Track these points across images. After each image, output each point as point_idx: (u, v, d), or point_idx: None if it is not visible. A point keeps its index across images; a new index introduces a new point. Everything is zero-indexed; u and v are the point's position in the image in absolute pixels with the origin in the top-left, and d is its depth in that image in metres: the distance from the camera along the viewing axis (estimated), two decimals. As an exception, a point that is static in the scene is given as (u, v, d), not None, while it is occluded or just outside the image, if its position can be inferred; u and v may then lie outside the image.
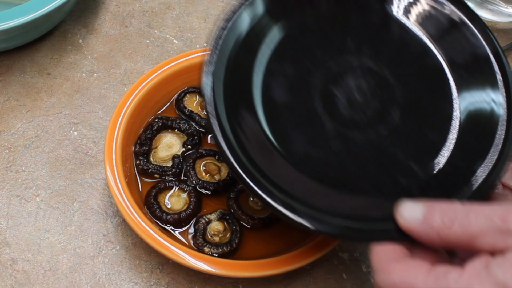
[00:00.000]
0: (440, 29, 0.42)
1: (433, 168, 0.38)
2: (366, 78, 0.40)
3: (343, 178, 0.38)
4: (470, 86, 0.40)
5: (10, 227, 0.46)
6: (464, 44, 0.41)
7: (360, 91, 0.40)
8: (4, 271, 0.44)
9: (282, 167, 0.37)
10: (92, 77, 0.54)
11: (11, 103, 0.52)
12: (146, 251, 0.46)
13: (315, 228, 0.34)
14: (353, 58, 0.41)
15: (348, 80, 0.40)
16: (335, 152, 0.38)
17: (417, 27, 0.42)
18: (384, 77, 0.40)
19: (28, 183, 0.48)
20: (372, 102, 0.40)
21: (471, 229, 0.30)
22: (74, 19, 0.58)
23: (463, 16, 0.42)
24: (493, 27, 0.63)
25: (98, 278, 0.44)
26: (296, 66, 0.40)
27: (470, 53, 0.41)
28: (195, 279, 0.45)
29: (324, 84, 0.40)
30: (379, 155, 0.38)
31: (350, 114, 0.39)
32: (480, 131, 0.39)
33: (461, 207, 0.31)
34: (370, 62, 0.41)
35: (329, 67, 0.40)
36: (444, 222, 0.30)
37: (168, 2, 0.61)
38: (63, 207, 0.47)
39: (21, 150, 0.50)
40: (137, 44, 0.57)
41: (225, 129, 0.37)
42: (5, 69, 0.54)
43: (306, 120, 0.39)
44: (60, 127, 0.51)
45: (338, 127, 0.39)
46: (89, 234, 0.46)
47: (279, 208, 0.35)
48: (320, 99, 0.39)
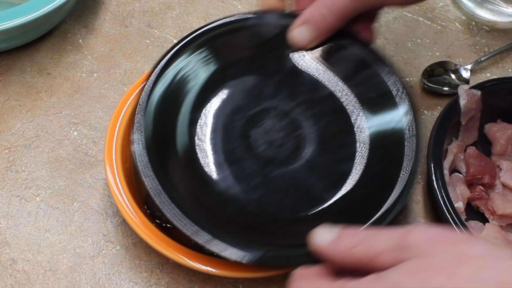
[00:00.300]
0: (349, 70, 0.46)
1: (344, 196, 0.42)
2: (281, 120, 0.44)
3: (263, 210, 0.41)
4: (376, 120, 0.44)
5: (10, 227, 0.46)
6: (370, 82, 0.45)
7: (276, 131, 0.44)
8: (4, 271, 0.44)
9: (206, 203, 0.41)
10: (92, 77, 0.54)
11: (11, 103, 0.52)
12: (146, 251, 0.46)
13: (240, 257, 0.37)
14: (269, 102, 0.45)
15: (265, 123, 0.44)
16: (254, 187, 0.42)
17: (326, 71, 0.46)
18: (297, 118, 0.45)
19: (28, 183, 0.48)
20: (287, 140, 0.44)
21: (372, 250, 0.32)
22: (74, 19, 0.58)
23: (371, 58, 0.46)
24: (493, 27, 0.63)
25: (98, 278, 0.44)
26: (218, 113, 0.44)
27: (375, 90, 0.45)
28: (195, 279, 0.45)
29: (244, 127, 0.44)
30: (295, 188, 0.42)
31: (268, 152, 0.43)
32: (387, 160, 0.43)
33: (365, 232, 0.34)
34: (285, 105, 0.45)
35: (248, 112, 0.45)
36: (347, 245, 0.33)
37: (168, 2, 0.61)
38: (63, 207, 0.47)
39: (21, 150, 0.50)
40: (137, 44, 0.57)
41: (158, 177, 0.40)
42: (5, 69, 0.54)
43: (228, 160, 0.43)
44: (60, 127, 0.51)
45: (257, 165, 0.43)
46: (89, 234, 0.46)
47: (202, 243, 0.37)
48: (240, 140, 0.44)
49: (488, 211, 0.48)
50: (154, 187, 0.39)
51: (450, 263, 0.29)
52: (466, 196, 0.49)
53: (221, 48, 0.46)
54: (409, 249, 0.31)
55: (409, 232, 0.31)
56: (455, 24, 0.63)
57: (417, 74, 0.58)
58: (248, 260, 0.37)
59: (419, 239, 0.31)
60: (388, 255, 0.31)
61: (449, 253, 0.30)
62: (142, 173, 0.40)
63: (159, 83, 0.43)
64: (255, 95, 0.45)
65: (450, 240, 0.30)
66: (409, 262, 0.30)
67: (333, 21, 0.44)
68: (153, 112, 0.42)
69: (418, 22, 0.62)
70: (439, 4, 0.64)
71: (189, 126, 0.43)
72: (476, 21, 0.63)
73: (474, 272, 0.28)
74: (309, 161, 0.43)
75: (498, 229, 0.47)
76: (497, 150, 0.52)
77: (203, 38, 0.46)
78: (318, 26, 0.44)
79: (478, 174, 0.49)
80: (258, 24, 0.46)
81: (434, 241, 0.30)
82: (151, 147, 0.41)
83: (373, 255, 0.32)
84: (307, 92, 0.46)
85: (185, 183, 0.41)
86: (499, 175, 0.50)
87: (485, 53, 0.60)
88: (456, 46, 0.61)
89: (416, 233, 0.31)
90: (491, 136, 0.53)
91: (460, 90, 0.50)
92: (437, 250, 0.30)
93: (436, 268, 0.29)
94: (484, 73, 0.59)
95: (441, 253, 0.30)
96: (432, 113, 0.56)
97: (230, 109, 0.45)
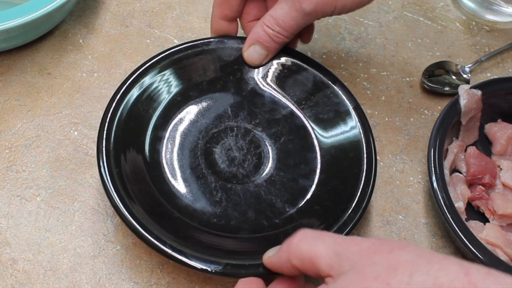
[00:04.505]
0: (306, 92, 0.49)
1: (305, 208, 0.44)
2: (243, 138, 0.47)
3: (226, 223, 0.43)
4: (334, 137, 0.47)
5: (11, 227, 0.46)
6: (328, 103, 0.48)
7: (238, 149, 0.47)
8: (5, 271, 0.44)
9: (170, 216, 0.42)
10: (92, 77, 0.54)
11: (11, 103, 0.52)
12: (146, 251, 0.46)
13: (202, 267, 0.39)
14: (231, 122, 0.48)
15: (227, 141, 0.47)
16: (218, 201, 0.44)
17: (286, 92, 0.49)
18: (259, 136, 0.48)
19: (29, 182, 0.48)
20: (249, 157, 0.47)
21: (316, 250, 0.34)
22: (74, 19, 0.58)
23: (326, 80, 0.49)
24: (494, 27, 0.63)
25: (98, 278, 0.44)
26: (183, 131, 0.47)
27: (333, 110, 0.48)
28: (195, 279, 0.45)
29: (207, 145, 0.47)
30: (258, 202, 0.45)
31: (230, 169, 0.46)
32: (345, 174, 0.45)
33: (314, 232, 0.35)
34: (246, 124, 0.48)
35: (211, 131, 0.47)
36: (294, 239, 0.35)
37: (168, 2, 0.61)
38: (63, 207, 0.47)
39: (22, 150, 0.50)
40: (138, 44, 0.57)
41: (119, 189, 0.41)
42: (6, 69, 0.54)
43: (192, 176, 0.45)
44: (60, 127, 0.51)
45: (220, 180, 0.45)
46: (89, 234, 0.46)
47: (168, 251, 0.39)
48: (203, 157, 0.46)
49: (488, 211, 0.48)
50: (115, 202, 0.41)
51: (384, 271, 0.30)
52: (466, 196, 0.49)
53: (185, 70, 0.49)
54: (345, 260, 0.32)
55: (348, 243, 0.33)
56: (455, 24, 0.63)
57: (417, 74, 0.58)
58: (211, 271, 0.39)
59: (355, 250, 0.32)
60: (327, 259, 0.33)
61: (384, 261, 0.31)
62: (104, 187, 0.41)
63: (124, 101, 0.45)
64: (218, 115, 0.48)
65: (384, 249, 0.32)
66: (344, 276, 0.32)
67: (284, 37, 0.47)
68: (121, 126, 0.44)
69: (419, 22, 0.62)
70: (440, 4, 0.64)
71: (155, 143, 0.46)
72: (476, 21, 0.63)
73: (408, 278, 0.29)
74: (271, 176, 0.46)
75: (499, 229, 0.47)
76: (498, 150, 0.52)
77: (168, 60, 0.48)
78: (270, 45, 0.48)
79: (479, 174, 0.49)
80: (220, 48, 0.50)
81: (369, 252, 0.32)
82: (118, 160, 0.43)
83: (315, 254, 0.33)
84: (267, 112, 0.49)
85: (149, 196, 0.43)
86: (500, 175, 0.50)
87: (486, 53, 0.60)
88: (456, 46, 0.61)
89: (353, 246, 0.33)
90: (492, 136, 0.53)
91: (461, 90, 0.50)
92: (372, 260, 0.31)
93: (371, 278, 0.30)
94: (485, 73, 0.59)
95: (376, 263, 0.31)
96: (432, 113, 0.56)
97: (194, 127, 0.47)
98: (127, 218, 0.40)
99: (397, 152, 0.53)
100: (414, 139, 0.54)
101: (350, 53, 0.59)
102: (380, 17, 0.62)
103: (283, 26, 0.46)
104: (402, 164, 0.52)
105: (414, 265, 0.30)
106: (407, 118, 0.55)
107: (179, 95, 0.48)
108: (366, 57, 0.59)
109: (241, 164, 0.46)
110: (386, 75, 0.58)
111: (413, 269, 0.30)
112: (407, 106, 0.56)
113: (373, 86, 0.57)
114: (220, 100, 0.49)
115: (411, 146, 0.53)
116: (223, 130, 0.48)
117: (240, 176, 0.46)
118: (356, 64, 0.58)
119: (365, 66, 0.58)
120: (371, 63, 0.58)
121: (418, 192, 0.51)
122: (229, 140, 0.47)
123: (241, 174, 0.46)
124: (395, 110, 0.55)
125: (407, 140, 0.54)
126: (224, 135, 0.47)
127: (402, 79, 0.58)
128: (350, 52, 0.59)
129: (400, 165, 0.52)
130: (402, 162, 0.52)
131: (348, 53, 0.59)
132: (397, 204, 0.50)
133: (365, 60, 0.59)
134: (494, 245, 0.46)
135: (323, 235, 0.34)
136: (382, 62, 0.59)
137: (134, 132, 0.45)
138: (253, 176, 0.46)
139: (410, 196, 0.51)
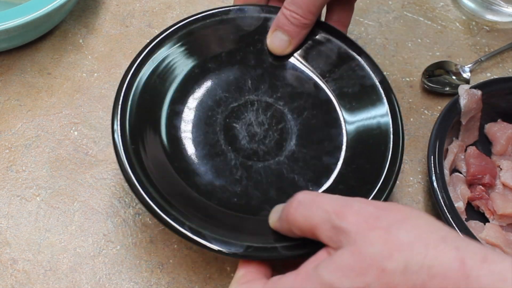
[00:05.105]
0: (330, 64, 0.47)
1: (329, 188, 0.42)
2: (264, 113, 0.45)
3: (246, 203, 0.41)
4: (360, 113, 0.45)
5: (11, 227, 0.46)
6: (353, 76, 0.46)
7: (259, 124, 0.44)
8: (5, 271, 0.44)
9: (188, 196, 0.40)
10: (92, 77, 0.54)
11: (11, 103, 0.52)
12: (146, 250, 0.46)
13: (222, 249, 0.37)
14: (252, 95, 0.45)
15: (248, 116, 0.45)
16: (238, 180, 0.42)
17: (309, 64, 0.47)
18: (281, 110, 0.45)
19: (29, 183, 0.48)
20: (271, 133, 0.44)
21: (312, 219, 0.33)
22: (74, 19, 0.58)
23: (351, 51, 0.46)
24: (494, 27, 0.63)
25: (98, 278, 0.44)
26: (201, 105, 0.44)
27: (358, 84, 0.46)
28: (195, 279, 0.45)
29: (226, 120, 0.44)
30: (279, 181, 0.42)
31: (251, 145, 0.44)
32: (371, 152, 0.43)
33: (308, 198, 0.34)
34: (267, 98, 0.46)
35: (230, 105, 0.45)
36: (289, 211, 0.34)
37: (168, 2, 0.61)
38: (63, 207, 0.47)
39: (22, 150, 0.50)
40: (138, 44, 0.57)
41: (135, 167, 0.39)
42: (6, 69, 0.54)
43: (211, 153, 0.43)
44: (60, 127, 0.51)
45: (240, 158, 0.43)
46: (89, 234, 0.46)
47: (186, 233, 0.37)
48: (223, 133, 0.44)
49: (488, 211, 0.48)
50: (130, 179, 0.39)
51: (380, 255, 0.30)
52: (466, 196, 0.49)
53: (203, 41, 0.46)
54: (342, 233, 0.32)
55: (344, 212, 0.32)
56: (455, 24, 0.63)
57: (417, 74, 0.58)
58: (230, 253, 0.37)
59: (352, 222, 0.31)
60: (325, 231, 0.32)
61: (380, 242, 0.30)
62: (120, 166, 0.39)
63: (140, 73, 0.43)
64: (237, 88, 0.46)
65: (381, 225, 0.31)
66: (341, 253, 0.31)
67: (303, 18, 0.44)
68: (136, 101, 0.42)
69: (419, 22, 0.62)
70: (440, 4, 0.64)
71: (172, 118, 0.43)
72: (476, 21, 0.63)
73: (403, 266, 0.29)
74: (293, 153, 0.44)
75: (499, 229, 0.47)
76: (498, 150, 0.52)
77: (184, 31, 0.46)
78: (290, 28, 0.45)
79: (479, 174, 0.49)
80: (239, 17, 0.47)
81: (366, 226, 0.31)
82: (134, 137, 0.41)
83: (312, 225, 0.33)
84: (290, 85, 0.46)
85: (167, 175, 0.41)
86: (500, 175, 0.50)
87: (486, 53, 0.60)
88: (456, 46, 0.61)
89: (350, 216, 0.32)
90: (492, 136, 0.53)
91: (461, 90, 0.50)
92: (369, 239, 0.31)
93: (367, 263, 0.30)
94: (485, 73, 0.59)
95: (372, 243, 0.30)
96: (432, 113, 0.56)
97: (213, 101, 0.45)
98: (143, 197, 0.38)
99: (397, 152, 0.53)
100: (414, 139, 0.54)
101: (350, 53, 0.59)
102: (380, 17, 0.62)
103: (299, 4, 0.44)
104: (402, 164, 0.52)
105: (411, 249, 0.30)
106: (407, 118, 0.55)
107: (197, 67, 0.45)
108: (366, 57, 0.59)
109: (262, 141, 0.44)
110: (386, 75, 0.58)
111: (409, 256, 0.29)
112: (407, 106, 0.56)
113: (373, 86, 0.57)
114: (240, 73, 0.46)
115: (411, 146, 0.53)
116: (243, 104, 0.45)
117: (261, 153, 0.43)
118: (356, 64, 0.58)
119: (365, 66, 0.58)
120: (371, 63, 0.58)
121: (418, 192, 0.51)
122: (249, 115, 0.45)
123: (262, 151, 0.43)
124: (395, 110, 0.55)
125: (407, 140, 0.54)
126: (244, 109, 0.45)
127: (402, 79, 0.58)
128: (350, 52, 0.59)
129: (400, 165, 0.52)
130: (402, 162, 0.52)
131: (348, 53, 0.59)
132: (397, 204, 0.50)
133: (365, 60, 0.59)
134: (494, 245, 0.46)
135: (320, 200, 0.34)
136: (382, 62, 0.59)
137: (150, 107, 0.43)
138: (275, 153, 0.43)
139: (410, 196, 0.51)
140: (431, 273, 0.29)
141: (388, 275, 0.29)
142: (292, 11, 0.44)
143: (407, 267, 0.29)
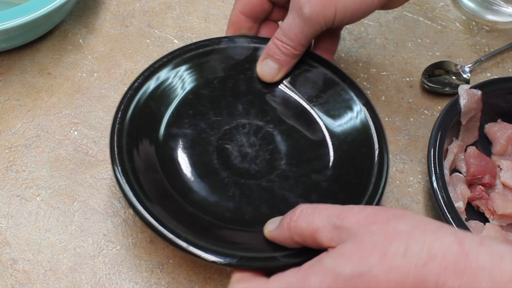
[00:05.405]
0: (317, 89, 0.49)
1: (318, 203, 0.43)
2: (255, 135, 0.48)
3: (240, 218, 0.43)
4: (345, 133, 0.47)
5: (11, 227, 0.46)
6: (338, 100, 0.49)
7: (251, 145, 0.47)
8: (5, 271, 0.44)
9: (184, 211, 0.42)
10: (92, 77, 0.54)
11: (11, 103, 0.52)
12: (146, 250, 0.46)
13: (216, 260, 0.38)
14: (243, 119, 0.48)
15: (239, 137, 0.47)
16: (231, 196, 0.44)
17: (297, 90, 0.49)
18: (271, 133, 0.48)
19: (29, 182, 0.48)
20: (262, 153, 0.47)
21: (313, 224, 0.35)
22: (74, 19, 0.58)
23: (336, 78, 0.49)
24: (494, 27, 0.63)
25: (98, 278, 0.44)
26: (195, 128, 0.47)
27: (344, 106, 0.48)
28: (195, 279, 0.45)
29: (219, 141, 0.47)
30: (271, 197, 0.45)
31: (243, 164, 0.46)
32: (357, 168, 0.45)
33: (309, 207, 0.36)
34: (258, 122, 0.48)
35: (222, 127, 0.48)
36: (292, 218, 0.36)
37: (168, 2, 0.61)
38: (63, 206, 0.47)
39: (22, 150, 0.50)
40: (138, 44, 0.57)
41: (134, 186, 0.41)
42: (6, 69, 0.54)
43: (205, 172, 0.45)
44: (60, 127, 0.51)
45: (233, 176, 0.45)
46: (89, 234, 0.46)
47: (183, 245, 0.39)
48: (216, 154, 0.46)
49: (488, 211, 0.48)
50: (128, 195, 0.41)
51: (381, 242, 0.31)
52: (466, 196, 0.49)
53: (196, 69, 0.49)
54: (344, 231, 0.33)
55: (345, 214, 0.34)
56: (455, 24, 0.63)
57: (417, 74, 0.58)
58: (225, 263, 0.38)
59: (352, 220, 0.33)
60: (326, 233, 0.34)
61: (381, 231, 0.32)
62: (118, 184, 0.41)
63: (136, 96, 0.46)
64: (229, 113, 0.48)
65: (381, 219, 0.33)
66: (343, 245, 0.33)
67: (294, 49, 0.47)
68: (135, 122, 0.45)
69: (419, 22, 0.62)
70: (440, 4, 0.64)
71: (168, 139, 0.46)
72: (476, 21, 0.63)
73: (404, 248, 0.30)
74: (283, 172, 0.46)
75: (499, 229, 0.47)
76: (497, 150, 0.52)
77: (179, 59, 0.49)
78: (281, 57, 0.47)
79: (479, 174, 0.49)
80: (230, 47, 0.50)
81: (366, 222, 0.33)
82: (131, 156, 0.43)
83: (314, 229, 0.35)
84: (278, 109, 0.49)
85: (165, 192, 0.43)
86: (500, 175, 0.50)
87: (485, 53, 0.60)
88: (456, 46, 0.61)
89: (350, 215, 0.34)
90: (491, 136, 0.53)
91: (461, 90, 0.50)
92: (369, 230, 0.32)
93: (369, 249, 0.31)
94: (485, 73, 0.59)
95: (373, 233, 0.32)
96: (432, 113, 0.56)
97: (206, 124, 0.48)
98: (140, 211, 0.40)
99: (397, 152, 0.53)
100: (414, 139, 0.54)
101: (350, 53, 0.59)
102: (380, 17, 0.62)
103: (289, 36, 0.46)
104: (402, 164, 0.52)
105: (410, 235, 0.31)
106: (407, 118, 0.55)
107: (191, 93, 0.48)
108: (366, 57, 0.59)
109: (254, 160, 0.46)
110: (386, 75, 0.58)
111: (409, 240, 0.31)
112: (407, 106, 0.56)
113: (373, 86, 0.57)
114: (232, 98, 0.49)
115: (411, 146, 0.53)
116: (234, 127, 0.48)
117: (253, 172, 0.46)
118: (356, 64, 0.58)
119: (365, 66, 0.58)
120: (371, 63, 0.58)
121: (418, 192, 0.51)
122: (241, 137, 0.47)
123: (253, 170, 0.46)
124: (395, 110, 0.55)
125: (407, 140, 0.54)
126: (236, 132, 0.48)
127: (402, 79, 0.58)
128: (350, 52, 0.59)
129: (400, 165, 0.52)
130: (402, 162, 0.52)
131: (348, 53, 0.59)
132: (397, 204, 0.50)
133: (365, 60, 0.59)
134: (494, 245, 0.46)
135: (319, 209, 0.35)
136: (382, 62, 0.59)
137: (147, 128, 0.45)
138: (266, 171, 0.46)
139: (410, 196, 0.51)
140: (431, 254, 0.30)
141: (390, 258, 0.31)
142: (284, 42, 0.46)
143: (408, 250, 0.30)
